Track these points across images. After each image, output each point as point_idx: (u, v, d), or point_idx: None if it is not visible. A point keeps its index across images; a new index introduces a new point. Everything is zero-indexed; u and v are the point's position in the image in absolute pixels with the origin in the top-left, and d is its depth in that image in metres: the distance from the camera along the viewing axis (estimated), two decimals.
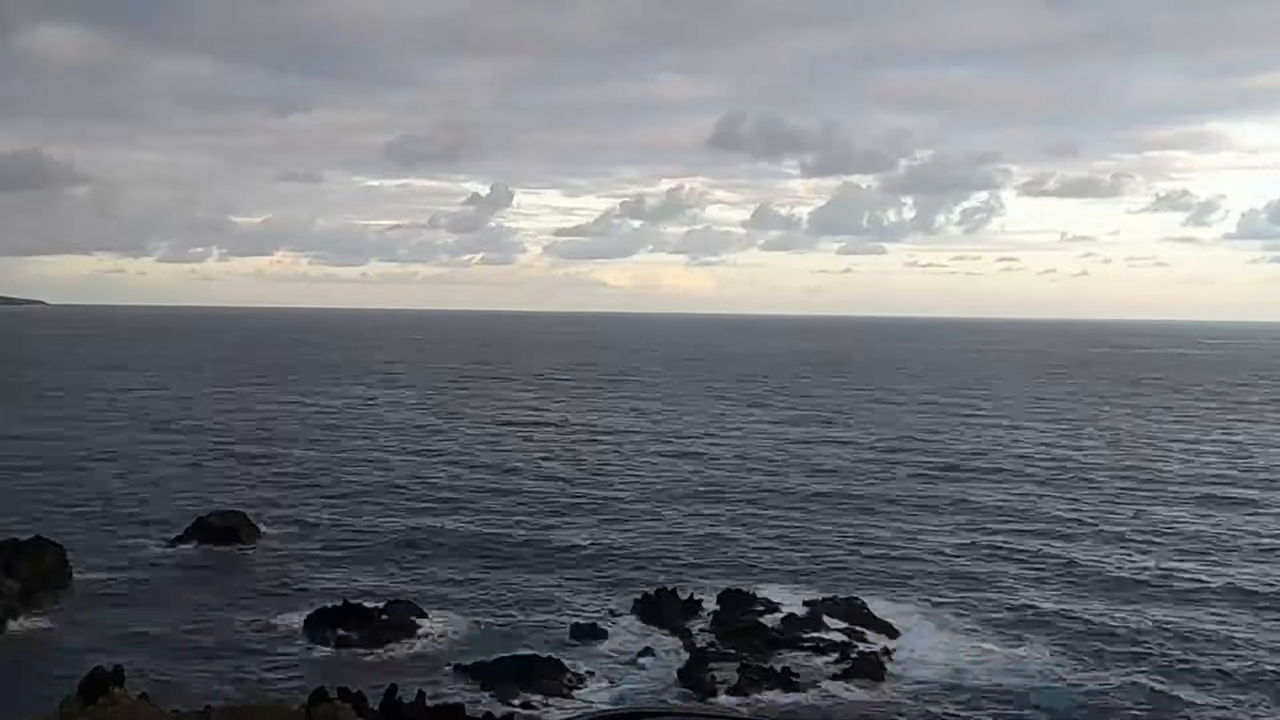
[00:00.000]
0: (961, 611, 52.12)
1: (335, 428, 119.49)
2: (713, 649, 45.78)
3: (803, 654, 45.66)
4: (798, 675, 43.10)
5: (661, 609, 50.39)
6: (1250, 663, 45.75)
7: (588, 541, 65.93)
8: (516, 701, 40.06)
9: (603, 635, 47.98)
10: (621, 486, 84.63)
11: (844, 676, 43.21)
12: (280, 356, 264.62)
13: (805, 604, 51.53)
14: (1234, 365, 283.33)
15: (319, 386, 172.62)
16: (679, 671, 43.02)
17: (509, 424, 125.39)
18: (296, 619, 49.32)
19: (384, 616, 48.76)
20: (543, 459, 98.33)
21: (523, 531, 68.50)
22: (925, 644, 47.30)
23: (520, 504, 77.38)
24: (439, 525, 70.04)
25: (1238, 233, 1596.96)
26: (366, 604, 49.77)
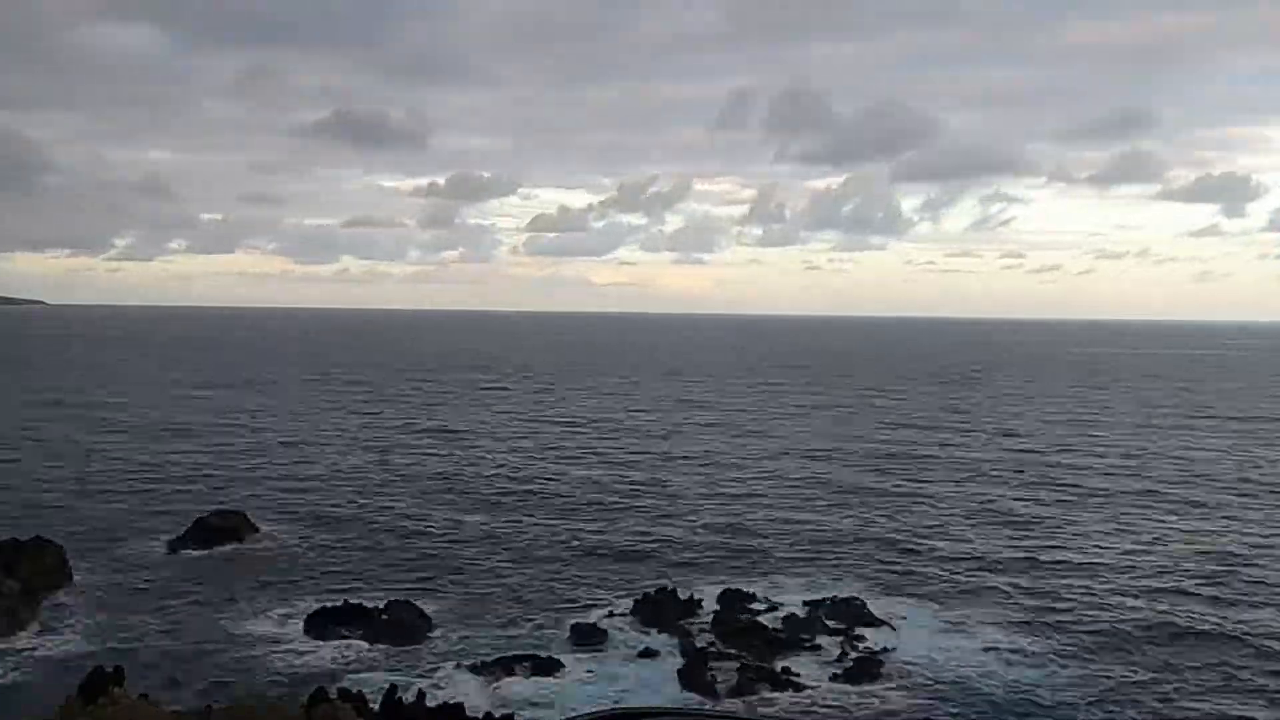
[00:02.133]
0: (961, 611, 52.08)
1: (340, 430, 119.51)
2: (713, 649, 45.76)
3: (803, 654, 45.63)
4: (798, 675, 43.09)
5: (661, 609, 50.35)
6: (1253, 665, 45.73)
7: (589, 541, 65.97)
8: (516, 701, 40.02)
9: (603, 635, 47.94)
10: (625, 487, 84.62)
11: (844, 676, 43.18)
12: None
13: (805, 604, 51.52)
14: None
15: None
16: (679, 671, 42.99)
17: (510, 427, 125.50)
18: (296, 619, 49.31)
19: (384, 616, 48.75)
20: (544, 461, 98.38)
21: (524, 531, 68.49)
22: (925, 644, 47.28)
23: (522, 504, 77.38)
24: (440, 525, 70.05)
25: (1269, 225, 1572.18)
26: (366, 604, 49.79)
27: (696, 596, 52.15)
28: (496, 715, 35.39)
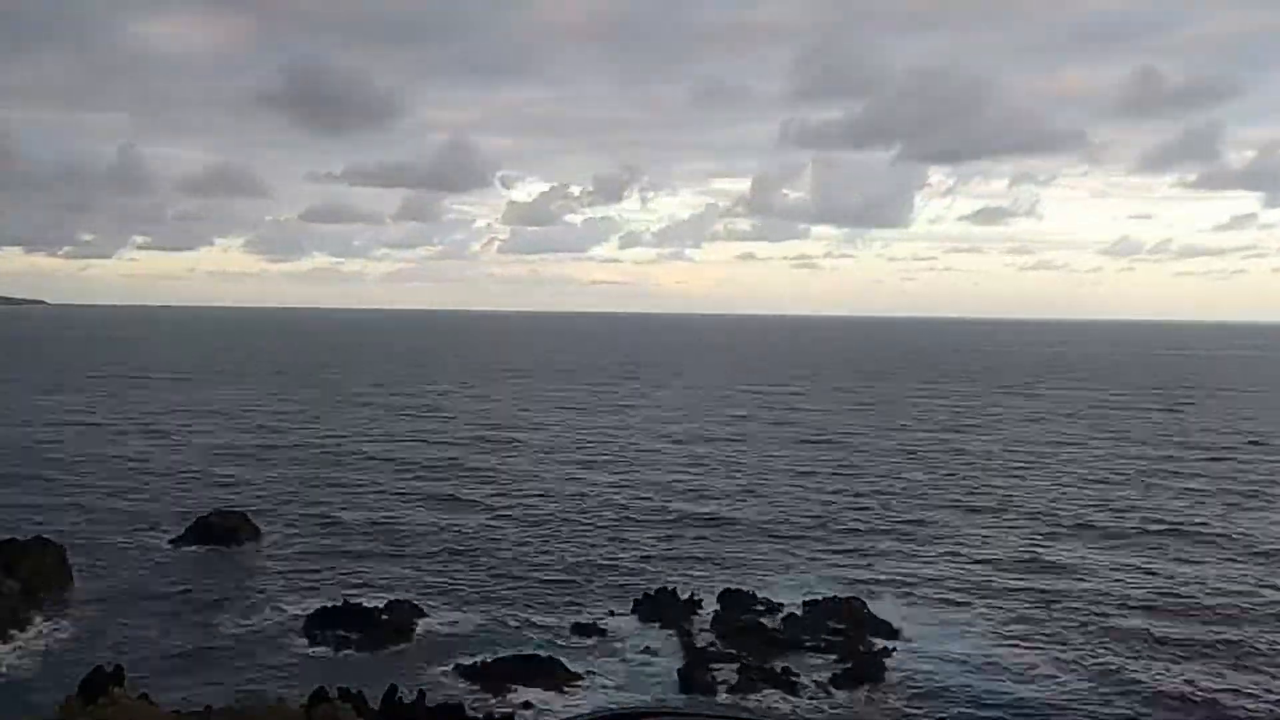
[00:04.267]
0: (961, 612, 52.08)
1: (336, 430, 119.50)
2: (713, 649, 45.75)
3: (803, 654, 45.60)
4: (798, 675, 43.05)
5: (661, 609, 50.36)
6: (1252, 668, 45.71)
7: (589, 542, 65.93)
8: (516, 701, 40.02)
9: (603, 635, 47.96)
10: (621, 489, 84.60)
11: (844, 677, 43.13)
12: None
13: (805, 604, 51.49)
14: None
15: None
16: (679, 671, 42.96)
17: (509, 428, 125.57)
18: (296, 619, 49.27)
19: (384, 616, 48.74)
20: (543, 462, 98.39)
21: (523, 532, 68.46)
22: (924, 644, 47.24)
23: (522, 505, 77.33)
24: (440, 526, 70.00)
25: None
26: (366, 604, 49.78)
27: (696, 596, 52.14)
28: (496, 715, 35.46)
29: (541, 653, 44.73)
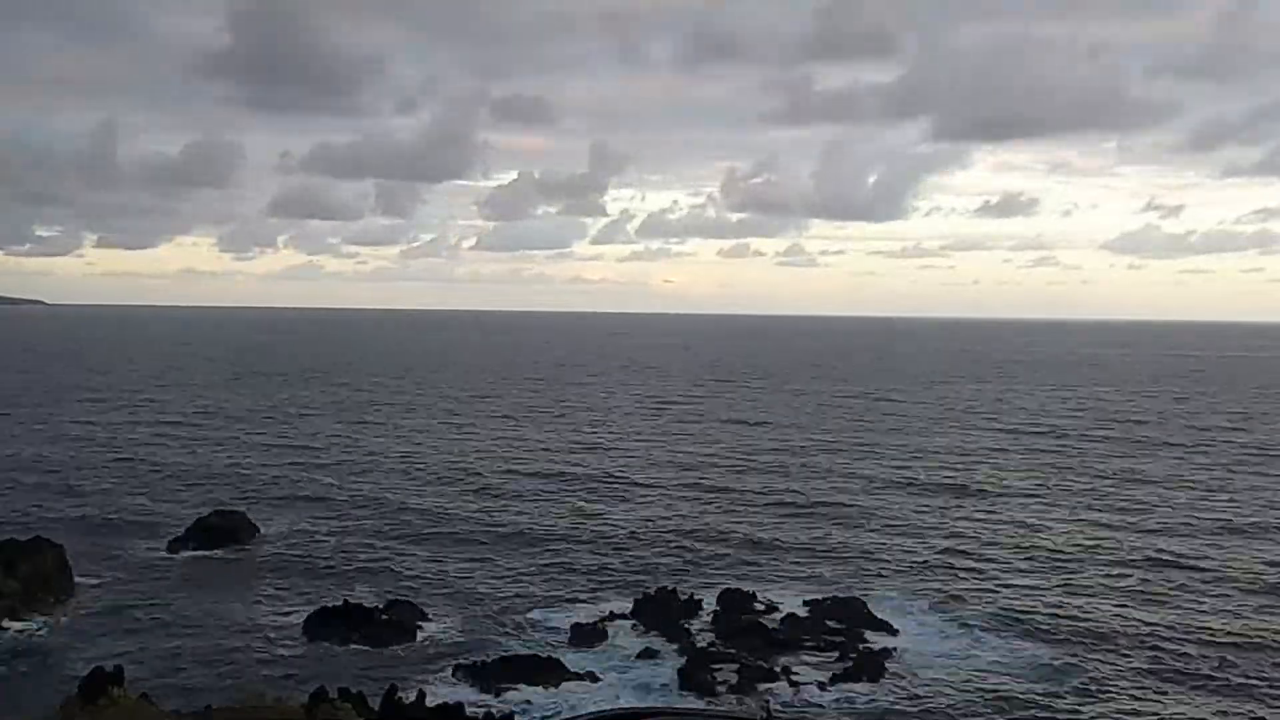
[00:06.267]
0: (961, 611, 52.06)
1: (336, 430, 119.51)
2: (713, 649, 45.74)
3: (803, 654, 45.62)
4: (798, 675, 43.08)
5: (661, 609, 50.33)
6: (1243, 667, 45.73)
7: (589, 542, 65.93)
8: (516, 701, 40.02)
9: (603, 635, 47.95)
10: (625, 489, 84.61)
11: (844, 676, 43.16)
12: None
13: (805, 604, 51.52)
14: None
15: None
16: (679, 671, 42.98)
17: (507, 429, 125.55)
18: (297, 619, 49.31)
19: (384, 616, 48.75)
20: (542, 462, 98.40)
21: (523, 533, 68.46)
22: (925, 644, 47.27)
23: (521, 505, 77.34)
24: (439, 526, 70.04)
25: None
26: (367, 604, 49.79)
27: (696, 596, 52.14)
28: (496, 715, 35.42)
29: (541, 653, 44.76)
